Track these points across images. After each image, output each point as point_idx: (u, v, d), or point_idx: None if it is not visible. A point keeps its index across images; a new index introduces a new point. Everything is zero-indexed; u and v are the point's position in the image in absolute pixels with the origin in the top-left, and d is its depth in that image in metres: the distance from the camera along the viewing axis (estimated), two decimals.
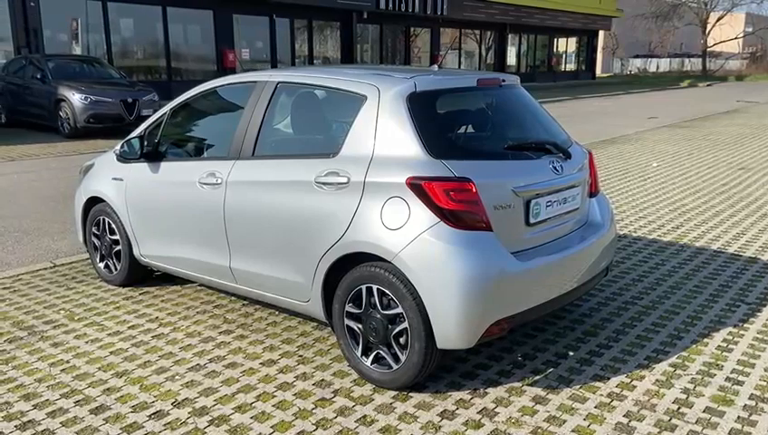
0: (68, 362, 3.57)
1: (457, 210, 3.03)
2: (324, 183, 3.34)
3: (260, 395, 3.20)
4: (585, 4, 36.71)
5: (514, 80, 3.87)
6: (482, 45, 34.41)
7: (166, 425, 2.94)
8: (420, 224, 3.03)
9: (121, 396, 3.20)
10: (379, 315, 3.20)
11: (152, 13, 19.99)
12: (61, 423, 2.96)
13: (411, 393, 3.20)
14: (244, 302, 4.40)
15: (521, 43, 36.34)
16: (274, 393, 3.22)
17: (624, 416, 3.01)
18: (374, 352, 3.27)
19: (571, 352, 3.64)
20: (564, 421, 2.97)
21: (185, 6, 20.48)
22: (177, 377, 3.39)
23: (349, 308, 3.32)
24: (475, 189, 3.06)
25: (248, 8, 22.19)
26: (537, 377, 3.37)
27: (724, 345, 3.73)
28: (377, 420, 2.98)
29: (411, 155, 3.15)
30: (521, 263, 3.14)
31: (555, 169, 3.46)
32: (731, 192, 7.97)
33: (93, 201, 4.77)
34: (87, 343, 3.81)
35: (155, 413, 3.04)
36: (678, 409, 3.07)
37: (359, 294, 3.26)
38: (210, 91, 4.26)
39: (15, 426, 2.94)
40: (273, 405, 3.11)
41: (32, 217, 6.82)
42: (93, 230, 4.82)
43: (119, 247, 4.63)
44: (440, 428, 2.91)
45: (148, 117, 4.74)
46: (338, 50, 26.43)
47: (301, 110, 3.93)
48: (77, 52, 18.30)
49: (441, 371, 3.38)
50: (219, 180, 3.83)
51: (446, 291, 2.96)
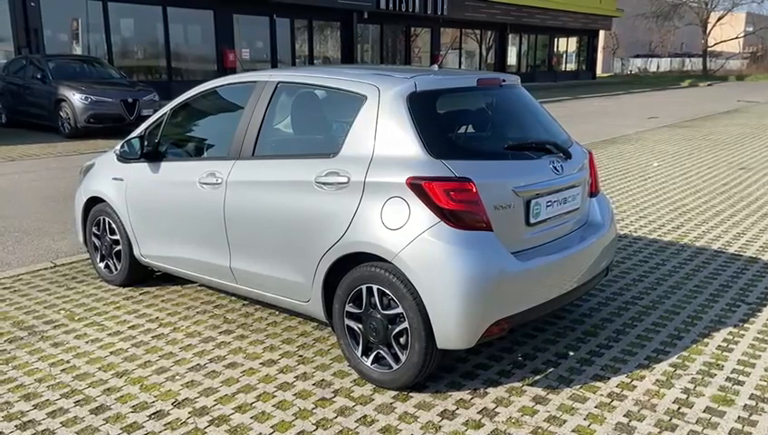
0: (68, 362, 3.57)
1: (458, 210, 3.03)
2: (324, 183, 3.34)
3: (260, 395, 3.20)
4: (586, 3, 36.71)
5: (515, 80, 3.87)
6: (482, 45, 34.41)
7: (166, 425, 2.95)
8: (420, 224, 3.03)
9: (122, 396, 3.20)
10: (379, 315, 3.20)
11: (152, 13, 20.00)
12: (61, 423, 2.96)
13: (411, 393, 3.20)
14: (245, 302, 4.40)
15: (521, 42, 36.33)
16: (275, 393, 3.22)
17: (624, 416, 3.01)
18: (374, 352, 3.27)
19: (571, 352, 3.64)
20: (564, 421, 2.97)
21: (185, 6, 20.49)
22: (178, 377, 3.39)
23: (349, 308, 3.32)
24: (475, 189, 3.06)
25: (248, 8, 22.20)
26: (537, 377, 3.37)
27: (725, 345, 3.73)
28: (377, 420, 2.98)
29: (411, 155, 3.15)
30: (521, 263, 3.14)
31: (555, 168, 3.46)
32: (731, 192, 7.96)
33: (94, 201, 4.77)
34: (87, 343, 3.81)
35: (155, 413, 3.04)
36: (679, 409, 3.07)
37: (359, 294, 3.26)
38: (210, 91, 4.26)
39: (16, 426, 2.94)
40: (274, 405, 3.11)
41: (32, 217, 6.82)
42: (93, 230, 4.82)
43: (119, 247, 4.64)
44: (440, 428, 2.91)
45: (148, 117, 4.74)
46: (338, 50, 26.44)
47: (301, 110, 3.93)
48: (77, 52, 18.32)
49: (441, 371, 3.38)
50: (219, 180, 3.83)
51: (446, 291, 2.96)
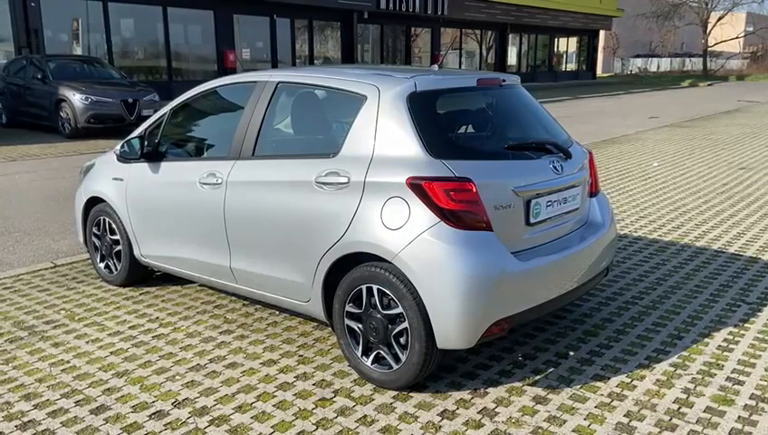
0: (68, 362, 3.57)
1: (458, 210, 3.03)
2: (324, 183, 3.34)
3: (260, 395, 3.20)
4: (586, 3, 36.69)
5: (515, 79, 3.87)
6: (483, 45, 34.40)
7: (166, 425, 2.95)
8: (420, 224, 3.03)
9: (122, 396, 3.20)
10: (379, 315, 3.20)
11: (153, 13, 20.00)
12: (61, 423, 2.96)
13: (411, 393, 3.20)
14: (245, 302, 4.40)
15: (521, 42, 36.32)
16: (275, 393, 3.22)
17: (624, 416, 3.01)
18: (374, 352, 3.27)
19: (571, 352, 3.64)
20: (565, 421, 2.97)
21: (185, 6, 20.49)
22: (178, 377, 3.39)
23: (349, 308, 3.32)
24: (475, 189, 3.06)
25: (249, 8, 22.20)
26: (537, 377, 3.37)
27: (725, 345, 3.73)
28: (377, 420, 2.98)
29: (411, 155, 3.15)
30: (521, 263, 3.14)
31: (555, 168, 3.46)
32: (731, 192, 7.96)
33: (94, 201, 4.78)
34: (87, 343, 3.81)
35: (155, 413, 3.05)
36: (679, 408, 3.07)
37: (359, 294, 3.26)
38: (210, 91, 4.26)
39: (16, 426, 2.94)
40: (274, 405, 3.11)
41: (32, 218, 6.82)
42: (94, 230, 4.82)
43: (119, 247, 4.64)
44: (440, 428, 2.91)
45: (148, 117, 4.74)
46: (338, 50, 26.44)
47: (301, 110, 3.93)
48: (78, 52, 18.33)
49: (441, 371, 3.38)
50: (219, 180, 3.83)
51: (446, 291, 2.96)
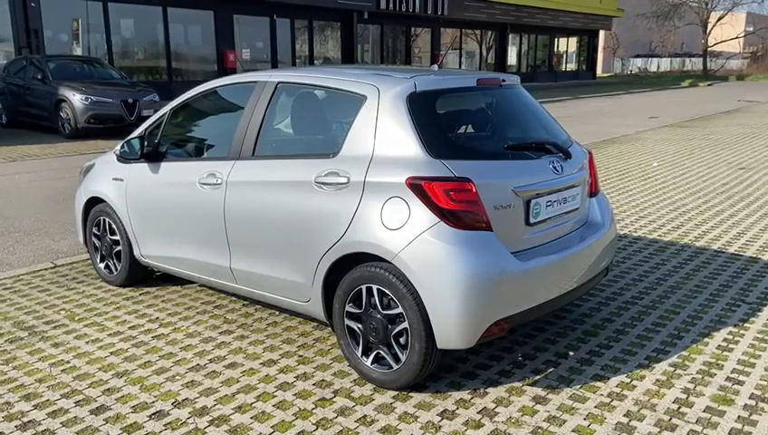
0: (68, 362, 3.57)
1: (457, 210, 3.03)
2: (324, 183, 3.34)
3: (260, 395, 3.20)
4: (586, 3, 36.69)
5: (514, 80, 3.87)
6: (482, 45, 34.40)
7: (166, 425, 2.95)
8: (420, 224, 3.03)
9: (122, 396, 3.20)
10: (379, 315, 3.20)
11: (153, 13, 20.00)
12: (61, 423, 2.96)
13: (411, 393, 3.20)
14: (245, 302, 4.40)
15: (521, 42, 36.32)
16: (275, 393, 3.22)
17: (624, 416, 3.01)
18: (374, 352, 3.27)
19: (571, 352, 3.64)
20: (564, 421, 2.97)
21: (185, 7, 20.49)
22: (178, 377, 3.39)
23: (349, 308, 3.32)
24: (474, 189, 3.06)
25: (249, 8, 22.20)
26: (537, 377, 3.37)
27: (725, 345, 3.73)
28: (377, 420, 2.98)
29: (411, 155, 3.15)
30: (521, 263, 3.14)
31: (555, 168, 3.46)
32: (731, 192, 7.96)
33: (94, 201, 4.78)
34: (87, 343, 3.81)
35: (155, 413, 3.05)
36: (679, 408, 3.07)
37: (359, 294, 3.26)
38: (210, 91, 4.26)
39: (16, 426, 2.95)
40: (274, 405, 3.11)
41: (32, 218, 6.83)
42: (94, 230, 4.82)
43: (119, 248, 4.64)
44: (440, 428, 2.91)
45: (148, 117, 4.74)
46: (338, 50, 26.44)
47: (301, 110, 3.93)
48: (78, 52, 18.33)
49: (441, 371, 3.38)
50: (219, 180, 3.83)
51: (446, 291, 2.96)
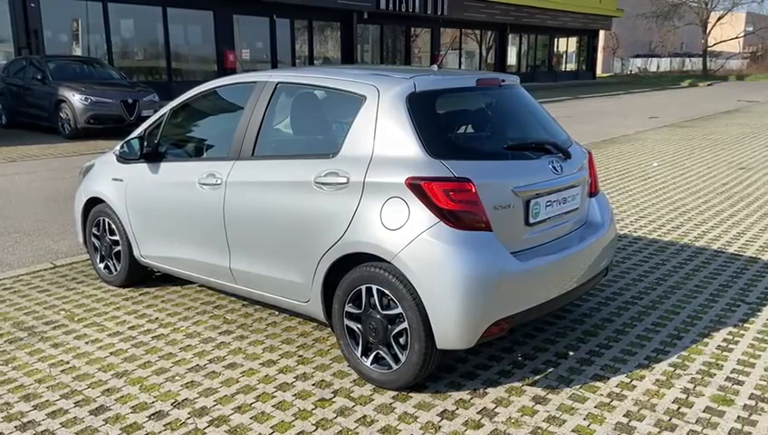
0: (68, 362, 3.57)
1: (457, 210, 3.03)
2: (324, 183, 3.34)
3: (260, 396, 3.20)
4: (586, 3, 36.69)
5: (514, 80, 3.87)
6: (482, 45, 34.40)
7: (166, 425, 2.95)
8: (420, 224, 3.03)
9: (121, 397, 3.20)
10: (378, 316, 3.20)
11: (152, 13, 20.00)
12: (61, 424, 2.96)
13: (411, 393, 3.20)
14: (244, 302, 4.40)
15: (521, 42, 36.31)
16: (274, 394, 3.22)
17: (624, 416, 3.01)
18: (374, 353, 3.27)
19: (571, 352, 3.64)
20: (564, 421, 2.97)
21: (185, 7, 20.49)
22: (177, 378, 3.39)
23: (348, 308, 3.32)
24: (474, 189, 3.06)
25: (248, 8, 22.20)
26: (537, 377, 3.37)
27: (725, 345, 3.73)
28: (377, 421, 2.98)
29: (411, 155, 3.15)
30: (520, 263, 3.14)
31: (555, 169, 3.46)
32: (731, 192, 7.96)
33: (93, 202, 4.77)
34: (87, 343, 3.81)
35: (155, 414, 3.05)
36: (678, 408, 3.07)
37: (358, 295, 3.26)
38: (210, 91, 4.26)
39: (15, 426, 2.94)
40: (273, 405, 3.11)
41: (32, 218, 6.82)
42: (93, 231, 4.82)
43: (119, 248, 4.64)
44: (440, 428, 2.91)
45: (148, 117, 4.74)
46: (338, 50, 26.44)
47: (300, 110, 3.93)
48: (77, 53, 18.33)
49: (441, 371, 3.38)
50: (219, 181, 3.83)
51: (445, 291, 2.96)
